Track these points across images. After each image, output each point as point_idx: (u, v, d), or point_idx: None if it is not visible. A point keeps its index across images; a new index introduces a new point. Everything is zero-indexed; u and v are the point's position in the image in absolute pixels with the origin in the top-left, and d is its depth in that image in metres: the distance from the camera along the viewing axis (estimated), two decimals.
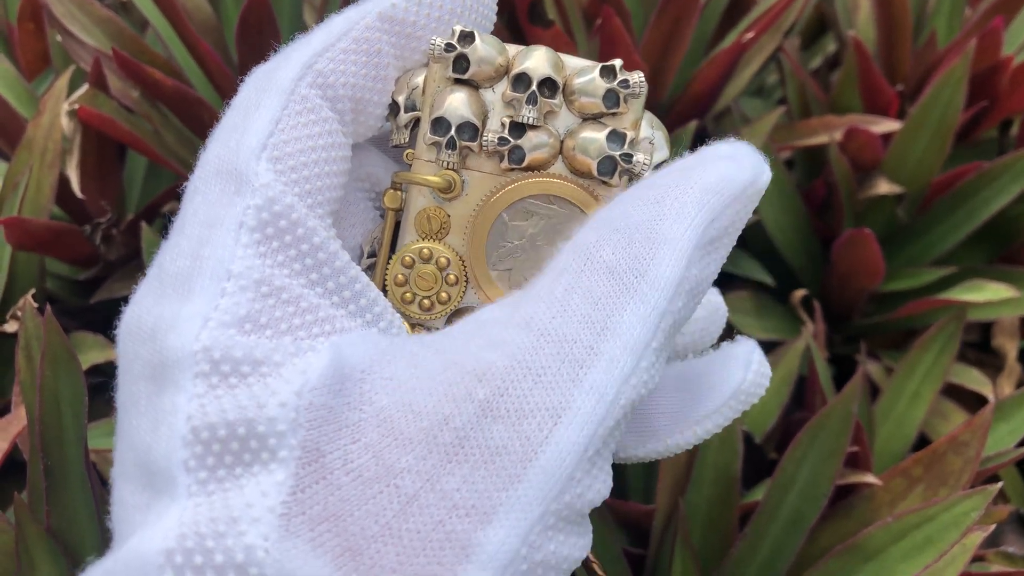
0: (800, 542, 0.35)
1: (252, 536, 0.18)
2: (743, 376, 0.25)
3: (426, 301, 0.25)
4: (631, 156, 0.24)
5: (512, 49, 0.25)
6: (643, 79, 0.25)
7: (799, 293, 0.49)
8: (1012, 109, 0.53)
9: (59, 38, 0.46)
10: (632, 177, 0.25)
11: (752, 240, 0.52)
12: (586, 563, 0.30)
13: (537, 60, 0.25)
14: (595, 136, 0.25)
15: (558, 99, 0.25)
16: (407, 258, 0.25)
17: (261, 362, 0.20)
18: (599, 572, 0.30)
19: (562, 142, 0.25)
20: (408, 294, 0.25)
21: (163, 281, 0.22)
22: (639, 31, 0.50)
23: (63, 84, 0.44)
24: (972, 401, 0.47)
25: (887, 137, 0.51)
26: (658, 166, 0.25)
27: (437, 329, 0.25)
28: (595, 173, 0.25)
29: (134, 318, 0.22)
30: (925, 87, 0.51)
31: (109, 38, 0.45)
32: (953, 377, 0.46)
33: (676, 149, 0.46)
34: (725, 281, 0.52)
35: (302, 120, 0.23)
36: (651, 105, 0.49)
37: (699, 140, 0.54)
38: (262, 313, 0.21)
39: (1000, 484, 0.32)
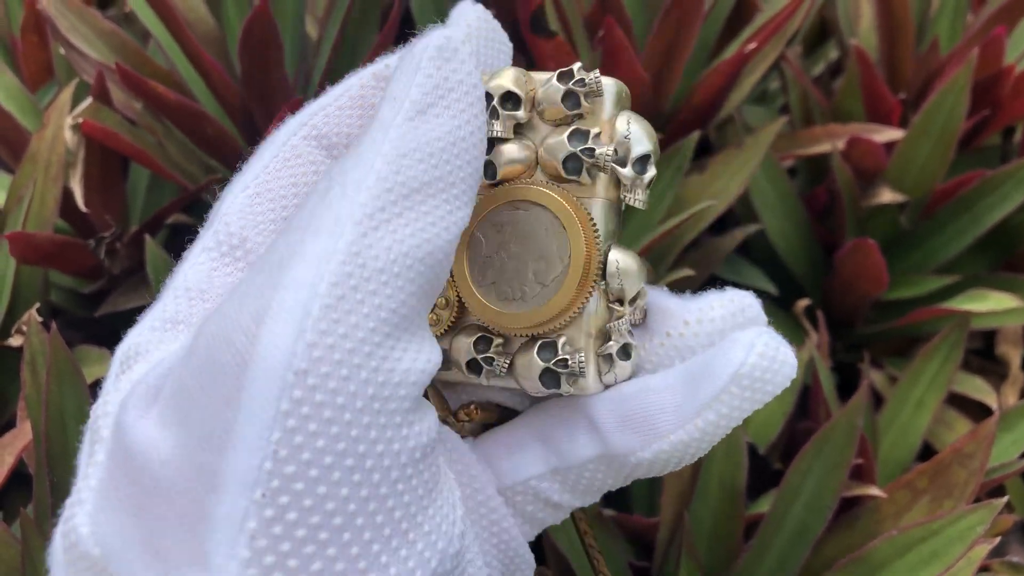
0: (805, 554, 0.35)
1: (79, 517, 0.21)
2: (743, 358, 0.24)
3: None
4: (593, 150, 0.25)
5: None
6: (599, 76, 0.25)
7: (802, 303, 0.49)
8: (1015, 116, 0.53)
9: (62, 51, 0.46)
10: (602, 171, 0.25)
11: (754, 248, 0.53)
12: (573, 516, 0.30)
13: (500, 78, 0.25)
14: (559, 138, 0.25)
15: (523, 111, 0.25)
16: None
17: None
18: (585, 528, 0.30)
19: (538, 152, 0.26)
20: None
21: None
22: (641, 40, 0.50)
23: (66, 97, 0.44)
24: (976, 409, 0.47)
25: (890, 145, 0.51)
26: (640, 159, 0.25)
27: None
28: (563, 174, 0.25)
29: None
30: (928, 95, 0.51)
31: (112, 51, 0.45)
32: (957, 386, 0.46)
33: (678, 158, 0.46)
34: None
35: (289, 163, 0.25)
36: (653, 114, 0.49)
37: (702, 150, 0.54)
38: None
39: (1006, 498, 0.32)
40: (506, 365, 0.26)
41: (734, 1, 0.51)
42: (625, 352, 0.26)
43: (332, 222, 0.20)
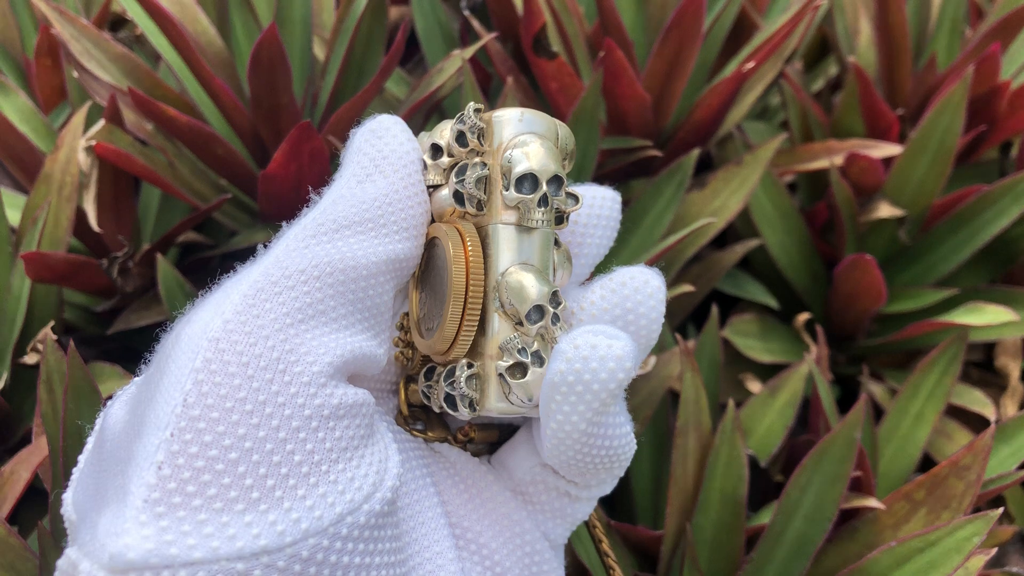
0: (806, 566, 0.36)
1: (67, 491, 0.25)
2: (554, 368, 0.25)
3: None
4: (463, 180, 0.27)
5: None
6: (481, 112, 0.27)
7: (802, 317, 0.50)
8: (1011, 131, 0.53)
9: (76, 74, 0.47)
10: (488, 198, 0.27)
11: (756, 263, 0.53)
12: (588, 525, 0.31)
13: (432, 133, 0.29)
14: (452, 179, 0.28)
15: (444, 158, 0.28)
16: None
17: None
18: (600, 536, 0.31)
19: None
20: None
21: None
22: (642, 60, 0.51)
23: (80, 119, 0.45)
24: (976, 420, 0.48)
25: (888, 160, 0.52)
26: (520, 179, 0.26)
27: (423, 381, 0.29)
28: (456, 207, 0.27)
29: None
30: (926, 110, 0.52)
31: (124, 74, 0.46)
32: (956, 398, 0.46)
33: (678, 175, 0.46)
34: (730, 304, 0.52)
35: None
36: (654, 132, 0.50)
37: (703, 166, 0.55)
38: None
39: (1001, 509, 0.33)
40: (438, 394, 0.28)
41: (733, 20, 0.52)
42: (520, 369, 0.26)
43: (278, 244, 0.26)
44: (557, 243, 0.28)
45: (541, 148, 0.27)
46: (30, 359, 0.41)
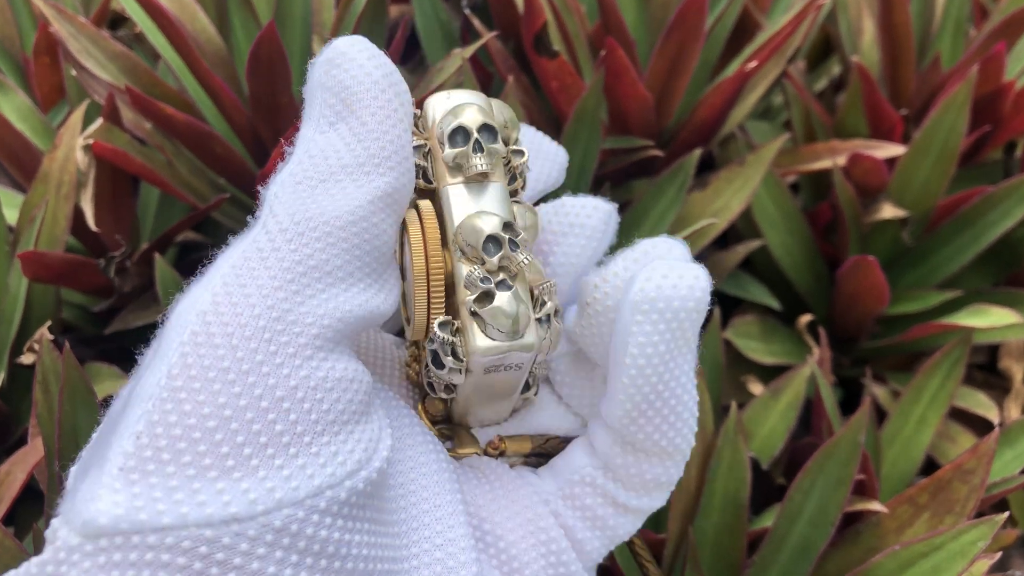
0: (808, 570, 0.36)
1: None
2: (634, 289, 0.25)
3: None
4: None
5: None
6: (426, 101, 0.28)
7: (804, 319, 0.49)
8: (1016, 132, 0.53)
9: (74, 72, 0.47)
10: (432, 164, 0.28)
11: (758, 264, 0.53)
12: (630, 544, 0.30)
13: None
14: None
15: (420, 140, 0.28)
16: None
17: None
18: (643, 554, 0.30)
19: None
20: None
21: None
22: (644, 59, 0.50)
23: (78, 118, 0.44)
24: (980, 422, 0.47)
25: (892, 161, 0.52)
26: (453, 134, 0.27)
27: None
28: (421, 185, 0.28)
29: None
30: (930, 110, 0.52)
31: (123, 72, 0.46)
32: (959, 401, 0.46)
33: (680, 175, 0.46)
34: (732, 305, 0.52)
35: None
36: (655, 132, 0.49)
37: (705, 166, 0.54)
38: None
39: (1007, 513, 0.32)
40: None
41: (736, 19, 0.52)
42: (487, 297, 0.26)
43: (262, 209, 0.25)
44: (518, 200, 0.28)
45: (468, 108, 0.27)
46: (27, 359, 0.41)
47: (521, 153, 0.28)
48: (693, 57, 0.47)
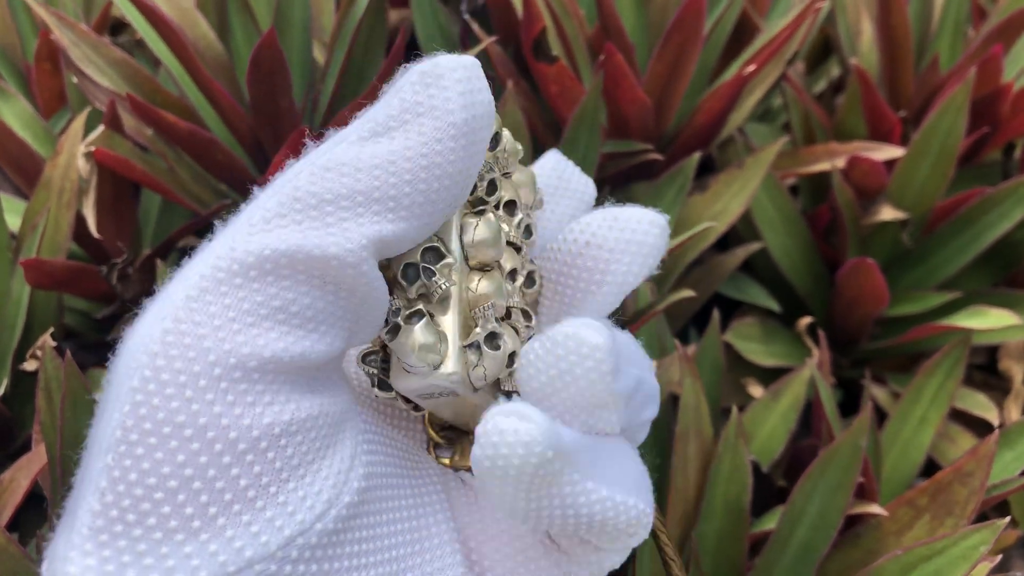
0: (810, 573, 0.36)
1: None
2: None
3: None
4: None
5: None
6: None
7: (804, 321, 0.50)
8: (1014, 133, 0.53)
9: (75, 80, 0.47)
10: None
11: (758, 266, 0.53)
12: (654, 534, 0.30)
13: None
14: None
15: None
16: None
17: None
18: (665, 541, 0.30)
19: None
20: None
21: None
22: (643, 62, 0.51)
23: (79, 125, 0.45)
24: (980, 423, 0.47)
25: (891, 163, 0.52)
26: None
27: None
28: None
29: None
30: (928, 112, 0.52)
31: (124, 79, 0.46)
32: (959, 403, 0.46)
33: (679, 178, 0.46)
34: (732, 308, 0.52)
35: None
36: (655, 136, 0.49)
37: (705, 168, 0.54)
38: None
39: (1008, 519, 0.32)
40: None
41: (734, 23, 0.52)
42: (395, 330, 0.25)
43: (239, 218, 0.23)
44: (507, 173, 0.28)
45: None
46: (29, 366, 0.41)
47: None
48: (692, 61, 0.47)
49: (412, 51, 0.56)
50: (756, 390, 0.47)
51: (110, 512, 0.20)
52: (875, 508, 0.36)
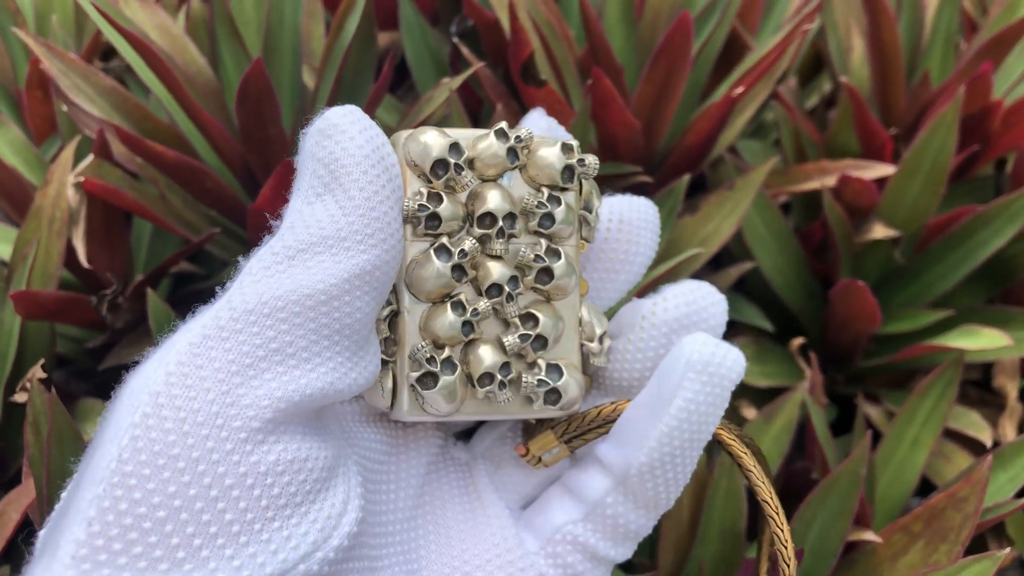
0: None
1: None
2: (691, 350, 0.27)
3: None
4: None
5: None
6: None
7: (796, 342, 0.50)
8: (1005, 149, 0.53)
9: (65, 108, 0.47)
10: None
11: (751, 285, 0.53)
12: (717, 436, 0.30)
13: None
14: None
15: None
16: None
17: None
18: (732, 443, 0.30)
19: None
20: None
21: None
22: (633, 83, 0.51)
23: (69, 154, 0.45)
24: (975, 440, 0.47)
25: (882, 180, 0.52)
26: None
27: None
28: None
29: None
30: (920, 128, 0.52)
31: (113, 108, 0.46)
32: (953, 422, 0.46)
33: (670, 200, 0.46)
34: (725, 328, 0.52)
35: None
36: (645, 157, 0.49)
37: (697, 187, 0.54)
38: None
39: (1008, 550, 0.32)
40: None
41: (723, 43, 0.52)
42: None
43: (234, 282, 0.25)
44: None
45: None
46: (20, 397, 0.41)
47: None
48: (681, 82, 0.47)
49: (402, 74, 0.57)
50: (749, 412, 0.47)
51: (95, 541, 0.21)
52: (870, 535, 0.36)
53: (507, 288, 0.28)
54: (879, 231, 0.50)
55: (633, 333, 0.30)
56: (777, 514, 0.29)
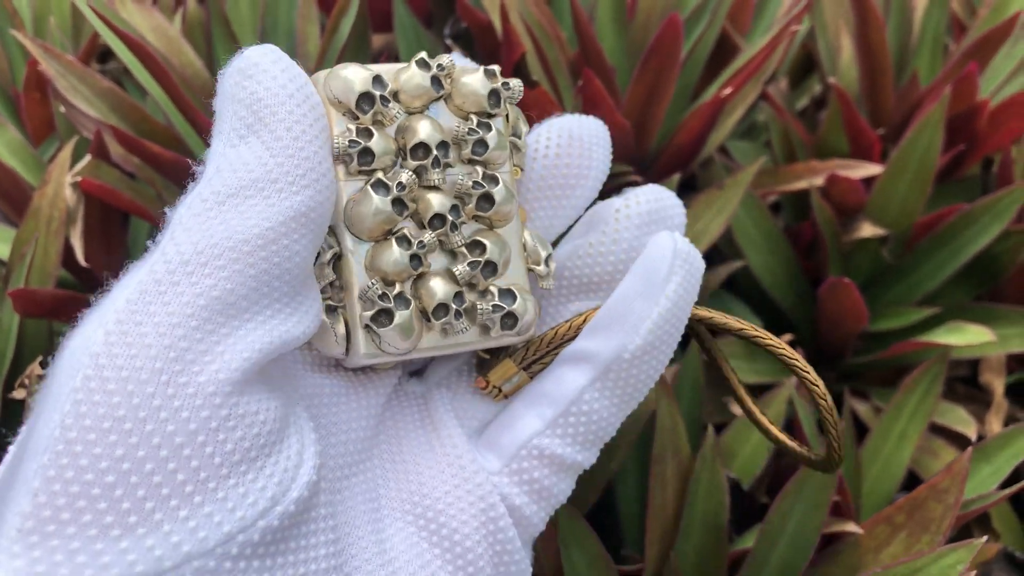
0: None
1: None
2: (674, 242, 0.29)
3: None
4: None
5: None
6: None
7: (785, 339, 0.50)
8: (991, 148, 0.54)
9: (62, 109, 0.47)
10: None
11: (741, 283, 0.54)
12: (818, 408, 0.30)
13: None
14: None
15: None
16: None
17: None
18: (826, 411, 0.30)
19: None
20: None
21: None
22: (624, 85, 0.51)
23: (67, 154, 0.45)
24: (962, 435, 0.48)
25: (870, 180, 0.52)
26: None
27: None
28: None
29: None
30: (909, 127, 0.53)
31: (110, 109, 0.47)
32: (939, 417, 0.47)
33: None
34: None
35: None
36: (635, 157, 0.50)
37: (687, 187, 0.55)
38: None
39: (985, 538, 0.33)
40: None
41: (713, 45, 0.53)
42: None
43: (165, 232, 0.24)
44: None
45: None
46: (18, 394, 0.42)
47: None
48: (671, 83, 0.47)
49: None
50: (738, 408, 0.47)
51: (42, 512, 0.20)
52: (851, 526, 0.37)
53: (450, 217, 0.27)
54: (867, 230, 0.51)
55: (608, 226, 0.31)
56: (782, 348, 0.30)
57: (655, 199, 0.31)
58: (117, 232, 0.47)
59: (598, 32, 0.52)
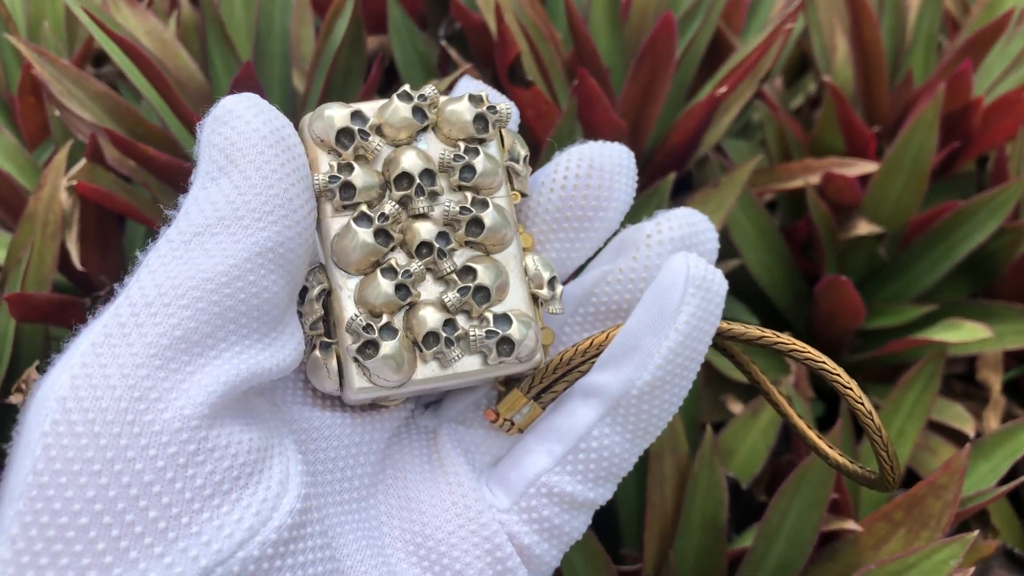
0: None
1: None
2: (686, 267, 0.27)
3: None
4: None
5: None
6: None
7: None
8: (986, 146, 0.54)
9: (57, 113, 0.47)
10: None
11: (738, 281, 0.54)
12: (858, 418, 0.30)
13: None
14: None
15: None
16: None
17: None
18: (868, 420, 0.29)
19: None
20: None
21: None
22: (619, 85, 0.51)
23: (62, 158, 0.45)
24: (959, 432, 0.48)
25: (866, 177, 0.52)
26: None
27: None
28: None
29: None
30: (902, 126, 0.53)
31: (105, 112, 0.46)
32: (937, 414, 0.47)
33: (655, 199, 0.47)
34: None
35: None
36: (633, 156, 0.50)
37: (683, 186, 0.55)
38: None
39: (976, 532, 0.33)
40: None
41: (708, 44, 0.53)
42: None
43: (132, 276, 0.24)
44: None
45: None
46: (15, 399, 0.41)
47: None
48: (665, 83, 0.47)
49: (391, 77, 0.57)
50: (736, 406, 0.48)
51: (21, 559, 0.21)
52: (850, 524, 0.37)
53: (437, 244, 0.27)
54: (863, 228, 0.51)
55: (638, 251, 0.30)
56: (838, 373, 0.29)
57: (687, 224, 0.30)
58: (113, 236, 0.46)
59: (593, 32, 0.52)
